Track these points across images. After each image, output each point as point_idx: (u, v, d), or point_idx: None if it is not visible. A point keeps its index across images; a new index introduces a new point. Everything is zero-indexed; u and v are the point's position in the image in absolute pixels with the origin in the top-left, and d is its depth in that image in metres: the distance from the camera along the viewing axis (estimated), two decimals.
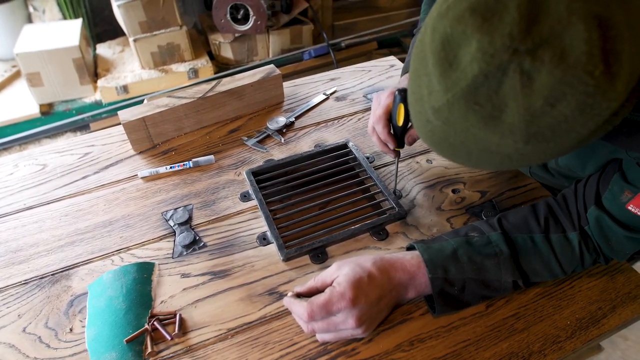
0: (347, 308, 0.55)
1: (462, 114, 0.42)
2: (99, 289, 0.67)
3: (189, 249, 0.73)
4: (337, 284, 0.57)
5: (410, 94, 0.48)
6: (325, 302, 0.56)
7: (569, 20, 0.35)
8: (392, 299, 0.61)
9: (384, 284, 0.59)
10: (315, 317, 0.56)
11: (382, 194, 0.80)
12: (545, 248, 0.63)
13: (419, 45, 0.45)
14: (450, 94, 0.41)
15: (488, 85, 0.39)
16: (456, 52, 0.40)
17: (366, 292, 0.57)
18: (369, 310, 0.57)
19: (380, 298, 0.59)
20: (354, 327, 0.56)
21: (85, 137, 0.97)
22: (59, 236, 0.76)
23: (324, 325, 0.57)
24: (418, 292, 0.62)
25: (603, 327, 0.63)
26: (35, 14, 2.26)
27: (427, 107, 0.45)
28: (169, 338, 0.61)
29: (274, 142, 0.93)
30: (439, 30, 0.41)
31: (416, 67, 0.46)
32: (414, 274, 0.61)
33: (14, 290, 0.68)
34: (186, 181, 0.85)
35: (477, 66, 0.38)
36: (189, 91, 0.95)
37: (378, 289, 0.58)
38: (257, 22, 2.13)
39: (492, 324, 0.63)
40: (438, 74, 0.41)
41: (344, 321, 0.56)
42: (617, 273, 0.70)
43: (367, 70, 1.14)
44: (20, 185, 0.86)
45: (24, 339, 0.62)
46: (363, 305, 0.56)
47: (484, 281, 0.61)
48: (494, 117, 0.40)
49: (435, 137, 0.47)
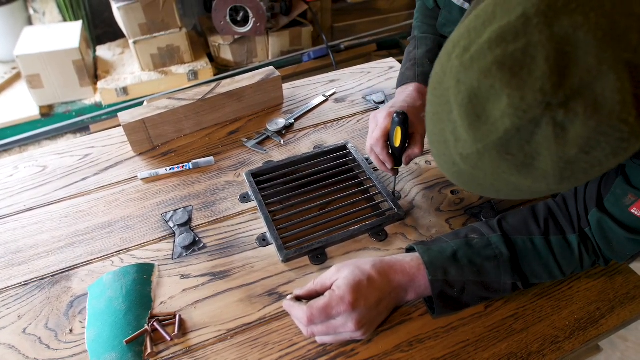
0: (347, 312, 0.56)
1: (493, 163, 0.41)
2: (99, 290, 0.67)
3: (189, 250, 0.73)
4: (337, 288, 0.57)
5: (432, 134, 0.47)
6: (325, 306, 0.56)
7: (599, 69, 0.34)
8: (391, 301, 0.61)
9: (384, 287, 0.59)
10: (315, 321, 0.57)
11: (381, 195, 0.80)
12: (545, 250, 0.63)
13: (438, 88, 0.43)
14: (481, 145, 0.40)
15: (520, 137, 0.38)
16: (484, 105, 0.39)
17: (365, 295, 0.57)
18: (369, 314, 0.58)
19: (380, 301, 0.59)
20: (353, 330, 0.56)
21: (85, 139, 0.97)
22: (59, 237, 0.76)
23: (323, 328, 0.57)
24: (418, 294, 0.62)
25: (602, 327, 0.64)
26: (36, 16, 2.26)
27: (453, 152, 0.44)
28: (168, 339, 0.61)
29: (274, 144, 0.94)
30: (465, 83, 0.39)
31: (437, 110, 0.44)
32: (413, 276, 0.61)
33: (14, 291, 0.69)
34: (186, 182, 0.85)
35: (509, 121, 0.37)
36: (188, 93, 0.95)
37: (377, 292, 0.58)
38: (257, 24, 2.14)
39: (491, 325, 0.63)
40: (466, 125, 0.40)
41: (343, 324, 0.56)
42: (616, 274, 0.70)
43: (366, 72, 1.14)
44: (20, 186, 0.86)
45: (24, 340, 0.63)
46: (362, 308, 0.56)
47: (483, 283, 0.62)
48: (526, 165, 0.40)
49: (462, 178, 0.47)
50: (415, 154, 0.74)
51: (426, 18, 0.91)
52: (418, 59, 0.86)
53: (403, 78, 0.86)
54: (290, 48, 2.33)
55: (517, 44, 0.36)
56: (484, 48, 0.37)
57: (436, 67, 0.44)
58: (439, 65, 0.43)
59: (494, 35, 0.37)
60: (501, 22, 0.37)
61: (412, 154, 0.74)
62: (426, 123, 0.48)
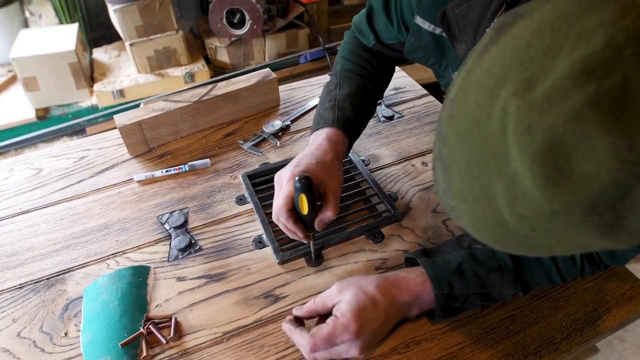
0: (351, 340, 0.54)
1: (569, 225, 0.33)
2: (94, 293, 0.66)
3: (185, 252, 0.73)
4: (341, 315, 0.55)
5: (460, 188, 0.37)
6: (329, 335, 0.55)
7: None
8: (395, 320, 0.60)
9: (388, 308, 0.58)
10: (318, 350, 0.55)
11: (377, 196, 0.80)
12: (548, 260, 0.63)
13: (476, 132, 0.35)
14: (559, 205, 0.32)
15: (615, 194, 0.31)
16: (570, 157, 0.31)
17: (370, 320, 0.56)
18: (373, 339, 0.57)
19: (384, 323, 0.58)
20: (357, 355, 0.55)
21: (81, 141, 0.97)
22: (55, 240, 0.76)
23: (326, 354, 0.56)
24: (421, 309, 0.61)
25: (598, 328, 0.64)
26: (32, 19, 2.26)
27: (504, 212, 0.35)
28: (164, 342, 0.61)
29: (270, 146, 0.94)
30: (542, 129, 0.31)
31: (476, 160, 0.35)
32: (419, 294, 0.59)
33: (9, 294, 0.68)
34: (182, 185, 0.85)
35: (608, 176, 0.30)
36: (184, 95, 0.95)
37: (382, 315, 0.57)
38: (253, 27, 2.14)
39: (488, 326, 0.63)
40: (540, 182, 0.32)
41: (347, 351, 0.55)
42: (612, 275, 0.70)
43: None
44: (15, 189, 0.86)
45: (19, 343, 0.62)
46: (367, 335, 0.55)
47: (486, 294, 0.61)
48: (613, 226, 0.33)
49: (506, 241, 0.38)
50: (328, 217, 0.64)
51: (355, 56, 0.83)
52: (339, 100, 0.75)
53: (320, 121, 0.74)
54: (286, 50, 2.33)
55: (613, 79, 0.28)
56: (566, 85, 0.29)
57: (466, 104, 0.35)
58: (471, 103, 0.34)
59: (577, 68, 0.29)
60: (582, 51, 0.29)
61: (325, 218, 0.64)
62: (440, 172, 0.38)
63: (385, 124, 0.98)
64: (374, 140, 0.94)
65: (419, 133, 0.96)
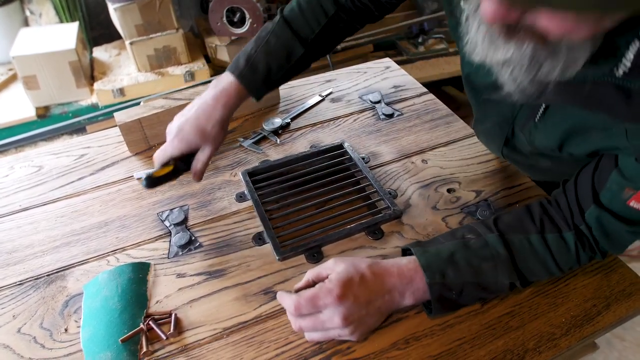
0: (333, 305, 0.55)
1: None
2: (95, 289, 0.67)
3: (185, 249, 0.73)
4: (328, 281, 0.57)
5: None
6: (312, 296, 0.56)
7: None
8: (384, 304, 0.60)
9: (376, 288, 0.59)
10: (302, 310, 0.56)
11: (377, 193, 0.80)
12: (542, 248, 0.63)
13: None
14: None
15: None
16: None
17: (355, 292, 0.57)
18: (357, 312, 0.57)
19: (370, 301, 0.58)
20: (340, 326, 0.56)
21: (82, 139, 0.97)
22: (55, 237, 0.76)
23: (310, 322, 0.57)
24: (416, 298, 0.61)
25: (598, 324, 0.64)
26: (32, 18, 2.26)
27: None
28: (164, 337, 0.61)
29: (270, 143, 0.94)
30: None
31: None
32: (411, 279, 0.60)
33: (9, 291, 0.68)
34: (182, 182, 0.85)
35: None
36: (184, 93, 0.95)
37: (368, 292, 0.58)
38: (253, 25, 2.14)
39: (487, 322, 0.63)
40: None
41: (330, 319, 0.56)
42: (611, 271, 0.70)
43: (362, 72, 1.15)
44: (15, 186, 0.86)
45: (19, 339, 0.62)
46: (350, 304, 0.56)
47: (481, 284, 0.61)
48: None
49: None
50: (198, 173, 0.73)
51: (310, 4, 0.78)
52: (258, 54, 0.76)
53: (234, 64, 0.76)
54: None
55: None
56: None
57: None
58: None
59: None
60: None
61: (197, 175, 0.73)
62: None
63: (385, 121, 0.98)
64: (374, 138, 0.94)
65: (418, 131, 0.96)
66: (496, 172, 0.86)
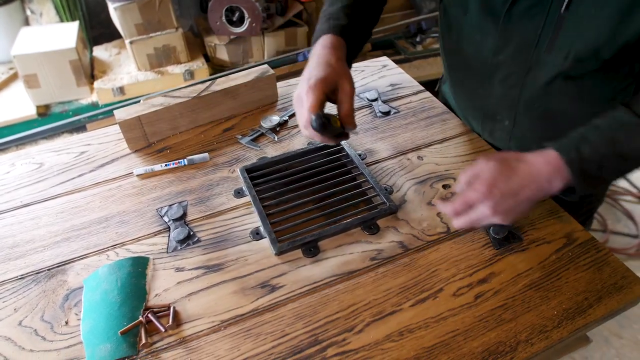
0: (482, 202, 0.62)
1: None
2: (95, 283, 0.68)
3: (183, 243, 0.74)
4: (478, 181, 0.63)
5: None
6: (465, 199, 0.63)
7: None
8: (532, 193, 0.63)
9: (521, 181, 0.62)
10: (459, 213, 0.64)
11: (373, 189, 0.81)
12: None
13: None
14: None
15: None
16: None
17: (501, 187, 0.61)
18: (505, 203, 0.62)
19: (517, 193, 0.62)
20: (490, 216, 0.62)
21: (82, 136, 0.98)
22: (55, 232, 0.77)
23: (468, 219, 0.64)
24: (563, 180, 0.62)
25: (589, 317, 0.65)
26: (33, 17, 2.27)
27: None
28: (162, 330, 0.62)
29: (268, 140, 0.95)
30: None
31: None
32: (549, 163, 0.63)
33: (10, 285, 0.69)
34: (181, 178, 0.86)
35: None
36: (184, 91, 0.96)
37: (513, 185, 0.62)
38: (252, 25, 2.15)
39: (481, 315, 0.65)
40: None
41: (482, 213, 0.62)
42: (604, 265, 0.71)
43: (360, 70, 1.16)
44: (17, 183, 0.87)
45: (20, 332, 0.63)
46: (498, 199, 0.61)
47: (619, 153, 0.62)
48: None
49: None
50: (346, 113, 0.70)
51: None
52: (333, 13, 0.80)
53: (316, 35, 0.79)
54: (285, 48, 2.34)
55: None
56: None
57: None
58: None
59: None
60: None
61: (345, 116, 0.70)
62: None
63: (382, 119, 0.99)
64: (371, 135, 0.95)
65: (414, 128, 0.97)
66: None
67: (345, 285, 0.68)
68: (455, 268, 0.70)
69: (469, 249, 0.73)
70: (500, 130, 0.89)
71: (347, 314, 0.65)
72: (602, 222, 2.14)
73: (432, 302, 0.66)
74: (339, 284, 0.68)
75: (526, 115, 0.83)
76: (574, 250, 0.73)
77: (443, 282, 0.68)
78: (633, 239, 2.07)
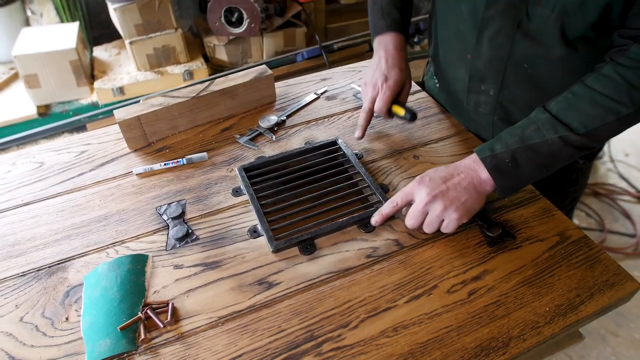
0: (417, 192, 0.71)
1: None
2: (94, 280, 0.69)
3: (182, 241, 0.75)
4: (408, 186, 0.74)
5: None
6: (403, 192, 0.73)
7: None
8: (461, 179, 0.71)
9: (449, 170, 0.72)
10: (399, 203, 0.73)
11: (369, 188, 0.82)
12: (586, 91, 0.67)
13: None
14: None
15: None
16: None
17: (431, 176, 0.72)
18: (438, 187, 0.70)
19: (447, 179, 0.70)
20: (428, 201, 0.69)
21: (82, 136, 0.99)
22: (56, 230, 0.78)
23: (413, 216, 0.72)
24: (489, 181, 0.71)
25: (581, 313, 0.66)
26: (33, 18, 2.28)
27: None
28: (161, 325, 0.63)
29: (266, 140, 0.96)
30: None
31: None
32: (473, 164, 0.72)
33: (12, 282, 0.71)
34: (180, 177, 0.87)
35: None
36: (183, 91, 0.98)
37: (442, 174, 0.71)
38: (251, 25, 2.16)
39: (474, 311, 0.66)
40: None
41: (420, 201, 0.70)
42: (596, 262, 0.72)
43: (357, 70, 1.17)
44: (18, 182, 0.88)
45: (21, 328, 0.64)
46: (428, 183, 0.70)
47: (531, 147, 0.68)
48: None
49: None
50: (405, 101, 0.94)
51: None
52: (385, 7, 0.96)
53: (376, 28, 0.97)
54: (284, 48, 2.35)
55: None
56: None
57: None
58: None
59: None
60: None
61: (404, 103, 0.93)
62: None
63: (379, 119, 1.00)
64: (367, 135, 0.96)
65: (410, 128, 0.98)
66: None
67: (341, 282, 0.69)
68: (450, 265, 0.71)
69: (463, 246, 0.74)
70: (484, 103, 0.92)
71: (342, 311, 0.66)
72: (599, 222, 2.15)
73: (426, 298, 0.67)
74: (334, 281, 0.69)
75: (513, 80, 0.85)
76: (567, 248, 0.74)
77: (437, 279, 0.69)
78: (630, 238, 2.08)
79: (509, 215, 0.79)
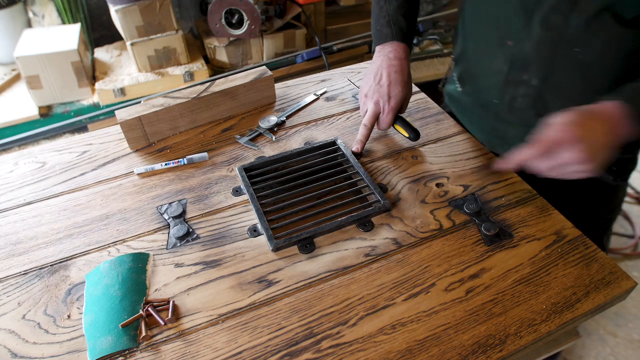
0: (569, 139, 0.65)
1: None
2: (96, 278, 0.70)
3: (183, 240, 0.76)
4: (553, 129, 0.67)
5: None
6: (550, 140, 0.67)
7: None
8: (614, 125, 0.66)
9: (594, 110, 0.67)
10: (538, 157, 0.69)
11: (368, 187, 0.83)
12: None
13: None
14: None
15: None
16: None
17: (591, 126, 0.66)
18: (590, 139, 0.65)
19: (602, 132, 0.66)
20: (577, 160, 0.65)
21: (84, 136, 1.00)
22: (58, 229, 0.79)
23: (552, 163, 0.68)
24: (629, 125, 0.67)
25: (577, 311, 0.66)
26: (35, 19, 2.29)
27: None
28: (162, 323, 0.64)
29: (266, 140, 0.97)
30: None
31: None
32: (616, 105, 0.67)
33: (14, 280, 0.71)
34: (180, 177, 0.88)
35: None
36: (183, 92, 0.99)
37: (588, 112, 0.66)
38: (251, 27, 2.17)
39: (471, 309, 0.66)
40: None
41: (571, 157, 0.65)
42: (592, 261, 0.73)
43: (356, 71, 1.18)
44: (20, 182, 0.89)
45: (24, 325, 0.65)
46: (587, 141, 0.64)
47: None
48: None
49: None
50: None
51: None
52: (392, 15, 0.93)
53: (380, 35, 0.94)
54: (284, 50, 2.36)
55: None
56: None
57: None
58: None
59: None
60: None
61: None
62: None
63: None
64: None
65: None
66: (483, 167, 0.89)
67: (340, 281, 0.70)
68: (447, 264, 0.72)
69: (461, 245, 0.75)
70: (522, 96, 0.88)
71: (341, 308, 0.66)
72: None
73: (424, 296, 0.68)
74: (333, 279, 0.70)
75: (561, 66, 0.81)
76: (564, 246, 0.75)
77: (435, 278, 0.70)
78: (629, 239, 2.09)
79: (507, 214, 0.80)
